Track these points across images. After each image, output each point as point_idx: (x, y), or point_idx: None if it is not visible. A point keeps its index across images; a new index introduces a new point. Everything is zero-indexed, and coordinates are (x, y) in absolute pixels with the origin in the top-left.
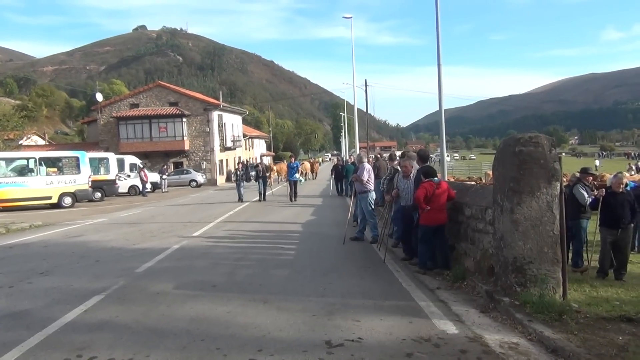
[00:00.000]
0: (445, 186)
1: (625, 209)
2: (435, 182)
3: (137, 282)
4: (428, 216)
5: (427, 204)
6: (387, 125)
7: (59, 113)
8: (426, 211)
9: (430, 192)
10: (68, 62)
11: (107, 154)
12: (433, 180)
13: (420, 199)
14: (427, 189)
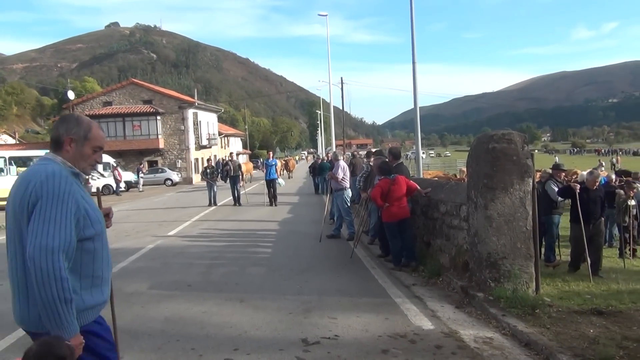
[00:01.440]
0: (403, 180)
1: (597, 205)
2: (390, 178)
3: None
4: (388, 213)
5: (385, 200)
6: (364, 123)
7: (29, 111)
8: (385, 208)
9: (385, 189)
10: (39, 60)
11: None
12: (388, 177)
13: (376, 197)
14: (382, 186)
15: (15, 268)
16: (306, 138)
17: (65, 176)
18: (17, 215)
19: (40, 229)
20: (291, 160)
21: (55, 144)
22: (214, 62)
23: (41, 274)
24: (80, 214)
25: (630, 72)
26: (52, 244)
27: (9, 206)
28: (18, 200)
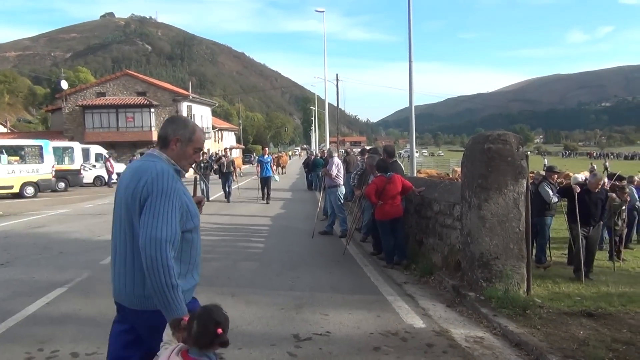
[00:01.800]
0: (398, 179)
1: (598, 207)
2: (387, 176)
3: (102, 274)
4: (382, 211)
5: (379, 198)
6: (357, 120)
7: (21, 100)
8: (379, 206)
9: (380, 187)
10: (32, 48)
11: (71, 143)
12: (384, 175)
13: (370, 195)
14: (377, 184)
15: (124, 251)
16: (300, 134)
17: (171, 175)
18: (129, 205)
19: (150, 223)
20: (283, 156)
21: (162, 142)
22: (209, 55)
23: (151, 263)
24: (183, 209)
25: (623, 76)
26: (161, 236)
27: (119, 194)
28: (130, 192)
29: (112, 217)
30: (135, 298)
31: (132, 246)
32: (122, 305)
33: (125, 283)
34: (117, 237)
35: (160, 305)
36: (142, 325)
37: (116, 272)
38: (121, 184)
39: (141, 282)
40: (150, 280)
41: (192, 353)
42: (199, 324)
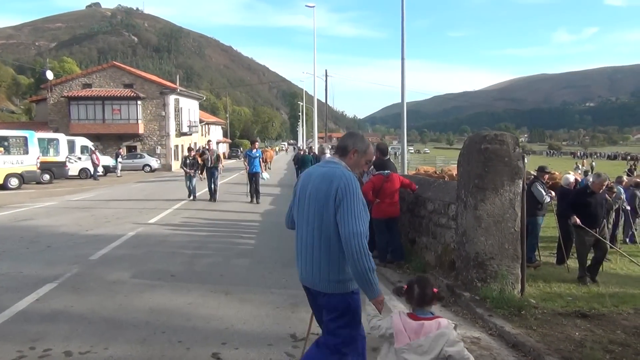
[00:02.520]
0: (397, 178)
1: (602, 208)
2: (385, 175)
3: (92, 270)
4: (378, 209)
5: (377, 197)
6: (344, 116)
7: (5, 90)
8: (376, 204)
9: (378, 186)
10: (16, 37)
11: (57, 135)
12: (382, 174)
13: (367, 193)
14: (374, 182)
15: (313, 242)
16: (287, 129)
17: (356, 180)
18: (321, 202)
19: (350, 220)
20: (268, 151)
21: (342, 151)
22: (196, 48)
23: (356, 253)
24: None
25: (607, 77)
26: (360, 231)
27: (307, 192)
28: (323, 192)
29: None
30: (329, 283)
31: (320, 237)
32: (310, 289)
33: (319, 270)
34: (306, 229)
35: (363, 285)
36: (330, 305)
37: (306, 260)
38: (308, 185)
39: (335, 269)
40: (355, 266)
41: (418, 312)
42: (419, 288)
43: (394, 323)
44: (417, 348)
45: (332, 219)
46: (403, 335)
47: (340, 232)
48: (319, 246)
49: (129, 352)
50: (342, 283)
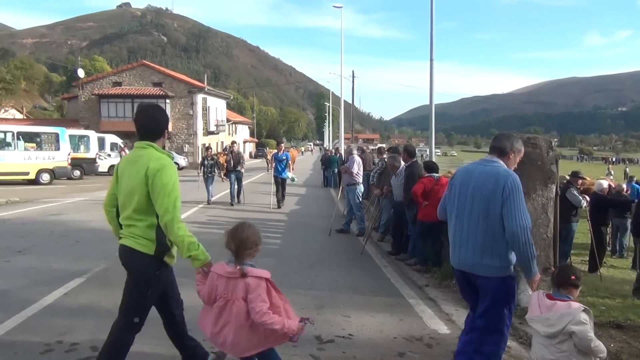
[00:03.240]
0: (445, 182)
1: None
2: (435, 178)
3: (119, 265)
4: (426, 212)
5: (425, 199)
6: (371, 117)
7: (38, 87)
8: (424, 207)
9: (428, 188)
10: (49, 36)
11: (87, 132)
12: (433, 176)
13: (417, 194)
14: (425, 184)
15: (476, 231)
16: (313, 130)
17: (518, 177)
18: (487, 197)
19: (517, 214)
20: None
21: (500, 152)
22: (224, 48)
23: (524, 243)
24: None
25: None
26: (527, 224)
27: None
28: (488, 189)
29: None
30: (490, 268)
31: (485, 228)
32: (467, 273)
33: (481, 256)
34: (468, 220)
35: (525, 268)
36: (488, 287)
37: (467, 247)
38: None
39: (497, 256)
40: (521, 254)
41: (555, 294)
42: (559, 273)
43: (531, 298)
44: (545, 320)
45: (498, 212)
46: (535, 309)
47: (505, 225)
48: (482, 235)
49: (154, 348)
50: (502, 268)
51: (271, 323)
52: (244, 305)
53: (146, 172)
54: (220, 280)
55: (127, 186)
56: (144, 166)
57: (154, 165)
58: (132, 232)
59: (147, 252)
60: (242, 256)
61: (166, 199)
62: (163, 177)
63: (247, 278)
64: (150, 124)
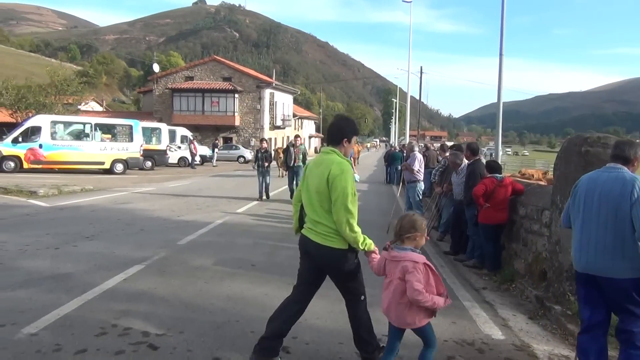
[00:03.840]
0: (510, 183)
1: None
2: (498, 178)
3: (178, 254)
4: (486, 214)
5: (487, 201)
6: (439, 114)
7: (117, 81)
8: (485, 208)
9: (490, 189)
10: (129, 32)
11: (159, 124)
12: (495, 177)
13: (478, 195)
14: (487, 185)
15: (604, 235)
16: (379, 126)
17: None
18: (615, 202)
19: None
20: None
21: (625, 160)
22: (294, 44)
23: None
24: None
25: None
26: None
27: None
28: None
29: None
30: (623, 270)
31: (614, 232)
32: (596, 276)
33: (612, 259)
34: (596, 226)
35: None
36: (621, 288)
37: (596, 251)
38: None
39: (629, 257)
40: None
41: None
42: None
43: None
44: None
45: (627, 216)
46: None
47: (636, 226)
48: (612, 239)
49: (202, 337)
50: (634, 270)
51: (423, 301)
52: (400, 284)
53: (328, 175)
54: (387, 262)
55: (312, 186)
56: (326, 169)
57: (335, 169)
58: (321, 229)
59: (340, 247)
60: (403, 241)
61: (344, 199)
62: (342, 180)
63: (403, 262)
64: (333, 132)
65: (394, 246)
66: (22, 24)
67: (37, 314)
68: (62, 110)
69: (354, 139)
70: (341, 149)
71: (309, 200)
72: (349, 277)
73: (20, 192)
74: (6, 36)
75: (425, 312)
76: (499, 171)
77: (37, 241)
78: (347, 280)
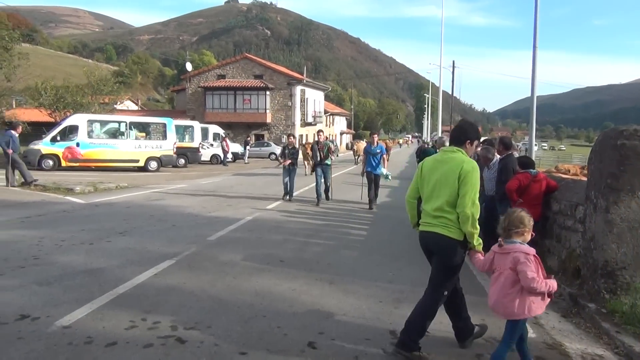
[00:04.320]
0: (544, 178)
1: None
2: (532, 174)
3: (208, 250)
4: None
5: (520, 196)
6: (473, 109)
7: (152, 80)
8: (518, 204)
9: (524, 184)
10: (163, 32)
11: (192, 122)
12: (529, 172)
13: (511, 191)
14: (521, 180)
15: None
16: (412, 121)
17: None
18: None
19: None
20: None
21: None
22: (325, 40)
23: None
24: None
25: None
26: None
27: None
28: None
29: None
30: None
31: None
32: None
33: None
34: None
35: None
36: None
37: None
38: None
39: None
40: None
41: None
42: None
43: None
44: None
45: None
46: None
47: None
48: None
49: (229, 332)
50: None
51: (538, 287)
52: (511, 275)
53: (460, 171)
54: (496, 256)
55: (437, 182)
56: (457, 166)
57: (467, 166)
58: (443, 222)
59: (457, 238)
60: (511, 235)
61: (473, 195)
62: (472, 177)
63: (513, 253)
64: (455, 133)
65: (506, 241)
66: (61, 26)
67: (70, 307)
68: (98, 110)
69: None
70: (464, 149)
71: (430, 194)
72: (450, 267)
73: (58, 189)
74: (46, 38)
75: (536, 301)
76: (532, 167)
77: (72, 237)
78: (447, 270)
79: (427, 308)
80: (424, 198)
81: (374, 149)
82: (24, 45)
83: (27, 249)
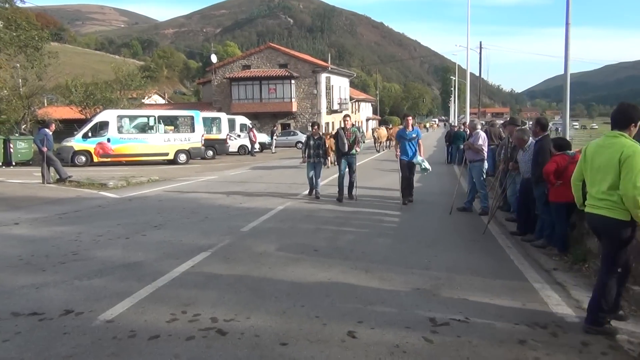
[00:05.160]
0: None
1: None
2: (570, 155)
3: (242, 241)
4: (558, 192)
5: (558, 178)
6: (501, 90)
7: (177, 74)
8: (557, 186)
9: (562, 166)
10: (187, 25)
11: (219, 114)
12: (567, 153)
13: (549, 173)
14: (558, 162)
15: None
16: (438, 105)
17: None
18: None
19: None
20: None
21: None
22: (348, 26)
23: None
24: None
25: None
26: None
27: None
28: None
29: None
30: None
31: None
32: None
33: None
34: None
35: None
36: None
37: None
38: None
39: None
40: None
41: None
42: None
43: None
44: None
45: None
46: None
47: None
48: None
49: (268, 323)
50: None
51: None
52: None
53: (620, 156)
54: None
55: (600, 167)
56: (618, 152)
57: (627, 151)
58: (608, 204)
59: (624, 219)
60: None
61: (635, 178)
62: (634, 161)
63: None
64: (618, 117)
65: None
66: (87, 23)
67: (111, 301)
68: (127, 105)
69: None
70: (628, 132)
71: (593, 178)
72: (621, 245)
73: (92, 185)
74: (73, 36)
75: None
76: (569, 148)
77: (109, 231)
78: (618, 248)
79: (604, 288)
80: (588, 182)
81: (410, 134)
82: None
83: (66, 245)
